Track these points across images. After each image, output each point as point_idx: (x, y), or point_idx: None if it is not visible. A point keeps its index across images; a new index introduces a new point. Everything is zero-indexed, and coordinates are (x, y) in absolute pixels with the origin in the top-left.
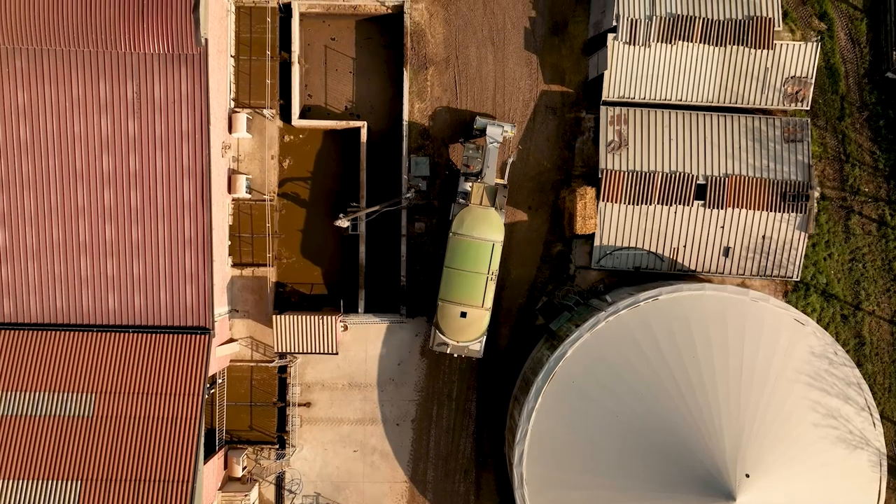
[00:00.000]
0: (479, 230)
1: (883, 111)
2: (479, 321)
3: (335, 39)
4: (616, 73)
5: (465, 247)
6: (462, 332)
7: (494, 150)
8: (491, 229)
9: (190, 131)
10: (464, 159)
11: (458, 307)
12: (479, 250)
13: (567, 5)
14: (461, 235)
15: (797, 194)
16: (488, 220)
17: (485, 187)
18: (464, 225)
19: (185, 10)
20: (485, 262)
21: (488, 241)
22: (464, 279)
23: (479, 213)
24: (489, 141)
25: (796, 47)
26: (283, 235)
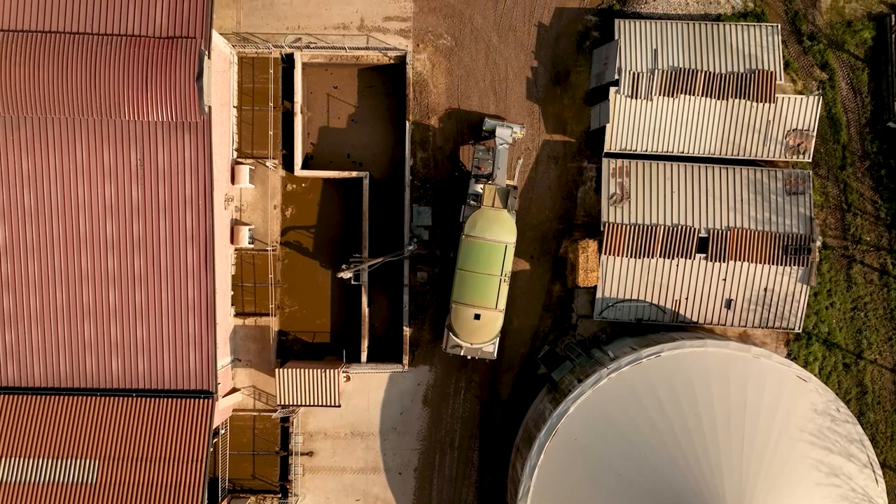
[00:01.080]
0: (492, 232)
1: (884, 160)
2: (493, 323)
3: (337, 88)
4: (618, 126)
5: (478, 249)
6: (476, 334)
7: (504, 151)
8: (503, 231)
9: (193, 197)
10: (474, 161)
11: (472, 309)
12: (492, 252)
13: (569, 56)
14: (473, 237)
15: (799, 247)
16: (500, 221)
17: (496, 189)
18: (476, 227)
19: (189, 79)
20: (498, 263)
21: (501, 242)
22: (477, 281)
23: (492, 214)
24: (499, 142)
25: (798, 100)
26: (286, 284)
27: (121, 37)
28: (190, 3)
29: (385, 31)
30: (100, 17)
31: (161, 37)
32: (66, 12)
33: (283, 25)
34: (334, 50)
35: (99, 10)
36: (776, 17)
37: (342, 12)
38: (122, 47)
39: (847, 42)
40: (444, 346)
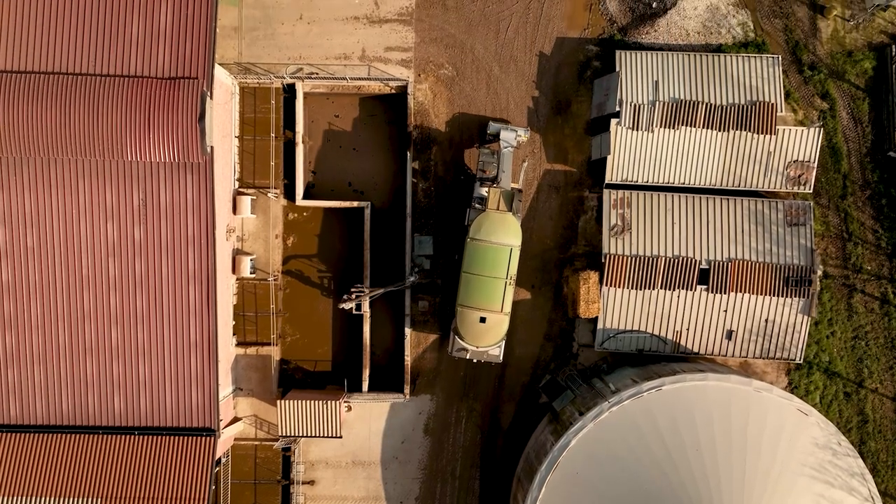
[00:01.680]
0: (497, 235)
1: (885, 190)
2: (499, 326)
3: (339, 116)
4: (619, 158)
5: (483, 252)
6: (482, 338)
7: (509, 154)
8: (509, 234)
9: (195, 237)
10: (479, 164)
11: (478, 312)
12: (498, 255)
13: (570, 85)
14: (479, 240)
15: (800, 279)
16: (506, 224)
17: (501, 192)
18: (481, 230)
19: (191, 120)
20: (503, 266)
21: (506, 245)
22: (482, 284)
23: (497, 217)
24: (503, 145)
25: (799, 132)
26: (288, 314)
27: (123, 78)
28: (192, 44)
29: (386, 61)
30: (103, 58)
31: (163, 77)
32: (69, 53)
33: (285, 55)
34: (336, 80)
35: (102, 51)
36: (777, 46)
37: (344, 42)
38: (124, 88)
39: (848, 72)
40: (450, 350)
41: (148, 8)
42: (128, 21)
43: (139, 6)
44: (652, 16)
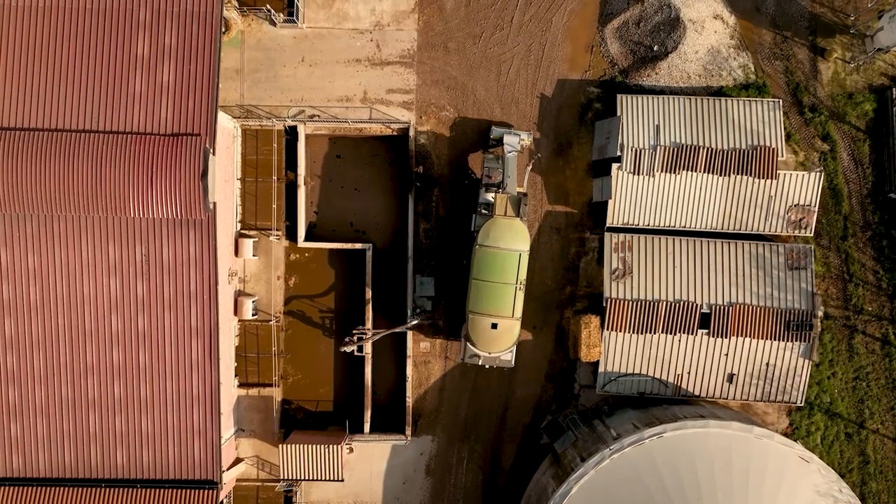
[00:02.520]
0: (506, 240)
1: (886, 231)
2: (510, 331)
3: (341, 157)
4: (620, 202)
5: (492, 258)
6: (493, 344)
7: (513, 158)
8: (517, 239)
9: (198, 292)
10: (484, 170)
11: (489, 318)
12: (507, 261)
13: (571, 127)
14: (487, 247)
15: (801, 323)
16: (514, 230)
17: (507, 197)
18: (489, 236)
19: (194, 177)
20: (512, 272)
21: (515, 251)
22: (492, 290)
23: (505, 223)
24: (507, 150)
25: (800, 176)
26: (289, 354)
27: (126, 134)
28: (194, 101)
29: (388, 103)
30: (105, 115)
31: (166, 134)
32: (72, 110)
33: (287, 98)
34: (338, 123)
35: (104, 108)
36: (778, 88)
37: (345, 85)
38: (127, 145)
39: (848, 114)
40: (462, 357)
41: (150, 64)
42: (130, 77)
43: (142, 62)
44: (653, 59)
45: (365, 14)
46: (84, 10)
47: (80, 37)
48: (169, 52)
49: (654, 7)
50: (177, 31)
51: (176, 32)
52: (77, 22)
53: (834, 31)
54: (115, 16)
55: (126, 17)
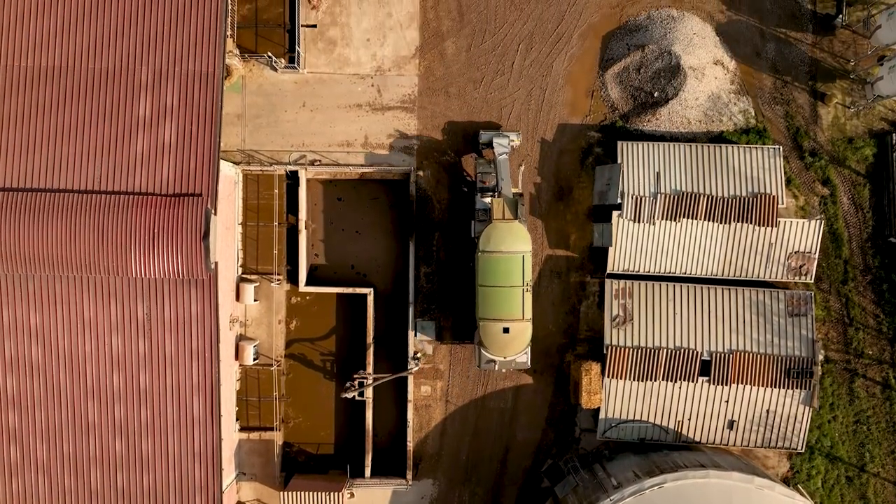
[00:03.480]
0: (508, 244)
1: (886, 275)
2: (523, 334)
3: (342, 200)
4: (621, 249)
5: (496, 262)
6: (507, 348)
7: (505, 160)
8: (518, 241)
9: (199, 350)
10: (478, 176)
11: (500, 323)
12: (511, 264)
13: (572, 171)
14: (490, 252)
15: (801, 370)
16: (514, 232)
17: (504, 200)
18: (491, 241)
19: (195, 238)
20: (518, 274)
21: (518, 252)
22: (500, 295)
23: (504, 227)
24: (498, 153)
25: (800, 224)
26: (290, 398)
27: (128, 195)
28: (196, 161)
29: (389, 147)
30: (107, 175)
31: (167, 194)
32: (75, 171)
33: (288, 143)
34: (339, 167)
35: (106, 168)
36: (778, 133)
37: (347, 129)
38: (129, 206)
39: (848, 158)
40: (478, 364)
41: (152, 124)
42: (132, 138)
43: (143, 123)
44: (653, 104)
45: (366, 59)
46: (86, 71)
47: (83, 98)
48: (170, 112)
49: (655, 54)
50: (178, 91)
51: (177, 93)
52: (80, 83)
53: (834, 76)
54: (117, 77)
55: (128, 79)
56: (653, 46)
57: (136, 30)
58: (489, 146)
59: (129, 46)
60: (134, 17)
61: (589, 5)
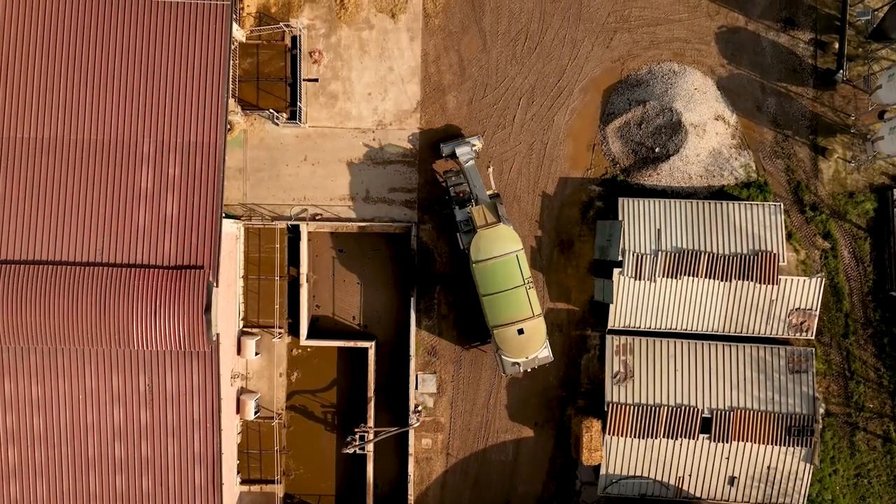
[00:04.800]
0: (498, 248)
1: (887, 329)
2: (538, 330)
3: (343, 251)
4: (621, 305)
5: (492, 269)
6: (526, 348)
7: (473, 167)
8: (507, 242)
9: (201, 421)
10: (451, 190)
11: (512, 326)
12: (507, 266)
13: (573, 225)
14: (483, 261)
15: (802, 428)
16: (501, 235)
17: (483, 206)
18: (481, 250)
19: (197, 311)
20: (516, 274)
21: (510, 253)
22: (505, 299)
23: (490, 232)
24: (464, 160)
25: (801, 282)
26: (291, 451)
27: (130, 267)
28: (198, 233)
29: (391, 201)
30: (109, 249)
31: (169, 266)
32: (77, 244)
33: (289, 196)
34: (340, 222)
35: (108, 241)
36: (779, 186)
37: (348, 183)
38: (130, 279)
39: (849, 212)
40: (503, 371)
41: (154, 197)
42: (134, 210)
43: (146, 196)
44: (655, 160)
45: (367, 113)
46: (88, 142)
47: (85, 170)
48: (172, 184)
49: (656, 110)
50: (180, 162)
51: (179, 164)
52: (81, 155)
53: (835, 130)
54: (119, 149)
55: (130, 151)
56: (654, 102)
57: (139, 101)
58: (453, 156)
59: (132, 118)
60: (136, 89)
61: (590, 59)
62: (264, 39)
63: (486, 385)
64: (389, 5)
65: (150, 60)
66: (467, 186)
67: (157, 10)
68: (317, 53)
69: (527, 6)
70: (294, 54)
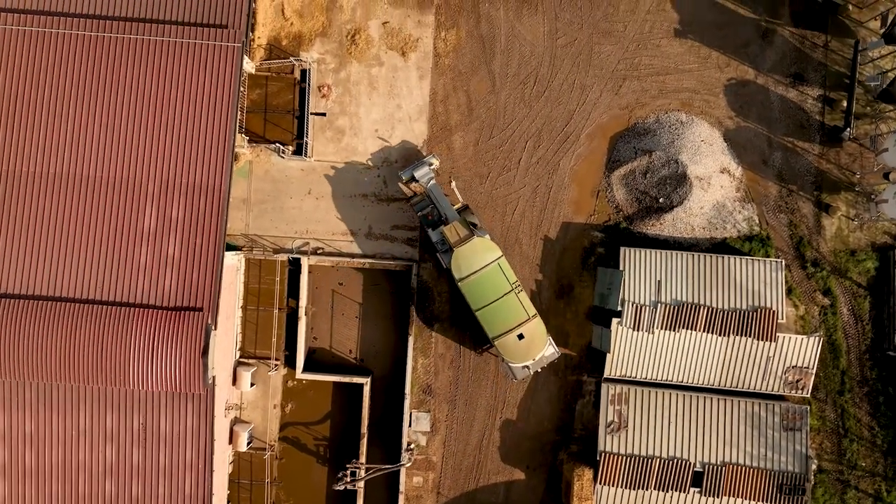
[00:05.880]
0: (477, 261)
1: (883, 388)
2: (538, 331)
3: (343, 284)
4: (618, 354)
5: (477, 283)
6: (530, 351)
7: (435, 186)
8: (485, 253)
9: (193, 462)
10: (419, 216)
11: (512, 333)
12: (491, 277)
13: (573, 270)
14: (467, 278)
15: (794, 487)
16: (476, 248)
17: (453, 224)
18: (462, 267)
19: (195, 354)
20: (502, 281)
21: (491, 263)
22: (498, 308)
23: (466, 248)
24: (425, 182)
25: (799, 340)
26: (283, 482)
27: (129, 307)
28: (198, 275)
29: (393, 239)
30: (110, 286)
31: (168, 307)
32: (77, 280)
33: (292, 229)
34: (341, 257)
35: (109, 279)
36: (781, 241)
37: (351, 218)
38: (129, 318)
39: (850, 270)
40: (513, 378)
41: (157, 236)
42: (136, 249)
43: (148, 235)
44: (658, 210)
45: (374, 150)
46: (93, 179)
47: (88, 206)
48: (175, 225)
49: (662, 160)
50: (184, 203)
51: (183, 205)
52: (86, 191)
53: (839, 187)
54: (124, 187)
55: (134, 190)
56: (660, 153)
57: (146, 141)
58: (413, 180)
59: (138, 157)
60: (144, 128)
61: (598, 105)
62: (274, 71)
63: (480, 426)
64: (400, 43)
65: (158, 100)
66: (435, 208)
67: (168, 49)
68: (325, 88)
69: (537, 50)
70: (303, 87)
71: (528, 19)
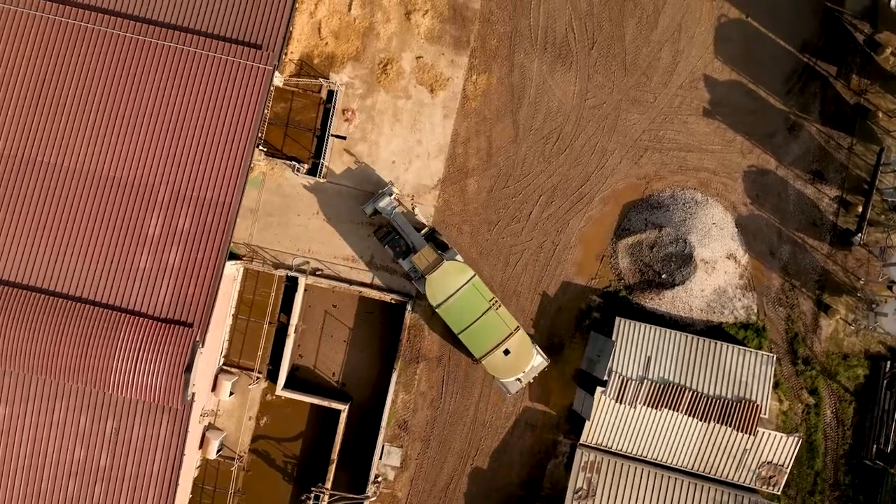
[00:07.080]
0: (451, 284)
1: (853, 495)
2: (523, 344)
3: (336, 307)
4: (598, 425)
5: (456, 306)
6: (518, 364)
7: (399, 215)
8: (457, 276)
9: (160, 474)
10: (388, 249)
11: (497, 350)
12: (468, 297)
13: (566, 330)
14: (445, 302)
15: None
16: (448, 271)
17: (422, 252)
18: (437, 294)
19: (178, 369)
20: (479, 301)
21: (465, 285)
22: (480, 328)
23: (439, 273)
24: (388, 213)
25: (777, 437)
26: (245, 494)
27: (120, 311)
28: (194, 289)
29: (392, 271)
30: (104, 287)
31: (159, 318)
32: (72, 276)
33: (294, 246)
34: (339, 281)
35: (105, 280)
36: (776, 334)
37: (354, 245)
38: (118, 324)
39: (840, 374)
40: (508, 394)
41: (159, 245)
42: (137, 254)
43: (151, 242)
44: (659, 285)
45: (388, 180)
46: (105, 178)
47: (97, 205)
48: (179, 236)
49: (670, 237)
50: (191, 216)
51: (190, 217)
52: (96, 190)
53: (842, 290)
54: (134, 190)
55: (144, 194)
56: (670, 230)
57: (163, 147)
58: (376, 213)
59: (152, 162)
60: (163, 135)
61: (616, 172)
62: (301, 88)
63: (450, 469)
64: (430, 80)
65: (182, 109)
66: (402, 239)
67: (200, 61)
68: (350, 112)
69: (564, 107)
70: (327, 108)
71: (561, 76)
